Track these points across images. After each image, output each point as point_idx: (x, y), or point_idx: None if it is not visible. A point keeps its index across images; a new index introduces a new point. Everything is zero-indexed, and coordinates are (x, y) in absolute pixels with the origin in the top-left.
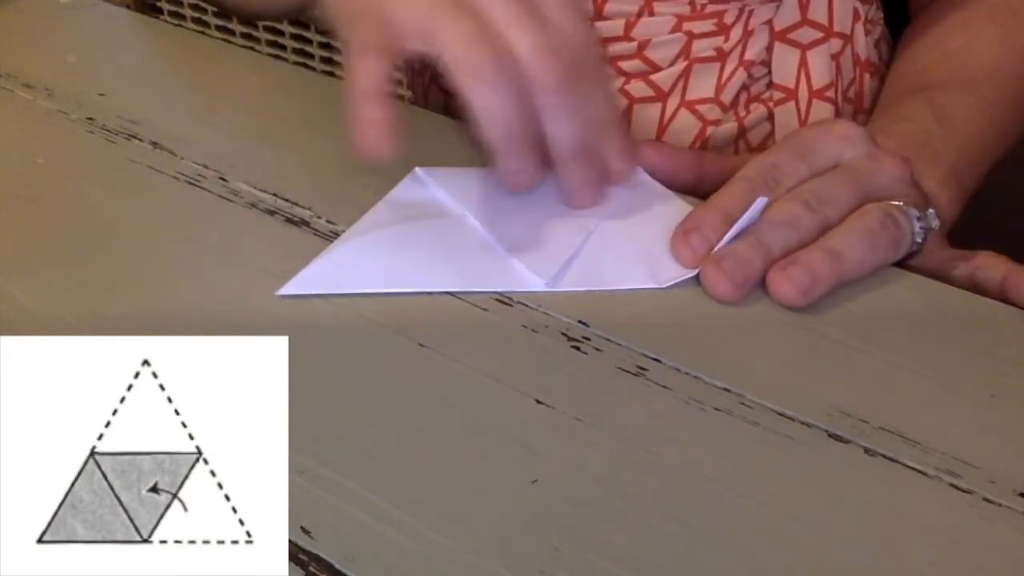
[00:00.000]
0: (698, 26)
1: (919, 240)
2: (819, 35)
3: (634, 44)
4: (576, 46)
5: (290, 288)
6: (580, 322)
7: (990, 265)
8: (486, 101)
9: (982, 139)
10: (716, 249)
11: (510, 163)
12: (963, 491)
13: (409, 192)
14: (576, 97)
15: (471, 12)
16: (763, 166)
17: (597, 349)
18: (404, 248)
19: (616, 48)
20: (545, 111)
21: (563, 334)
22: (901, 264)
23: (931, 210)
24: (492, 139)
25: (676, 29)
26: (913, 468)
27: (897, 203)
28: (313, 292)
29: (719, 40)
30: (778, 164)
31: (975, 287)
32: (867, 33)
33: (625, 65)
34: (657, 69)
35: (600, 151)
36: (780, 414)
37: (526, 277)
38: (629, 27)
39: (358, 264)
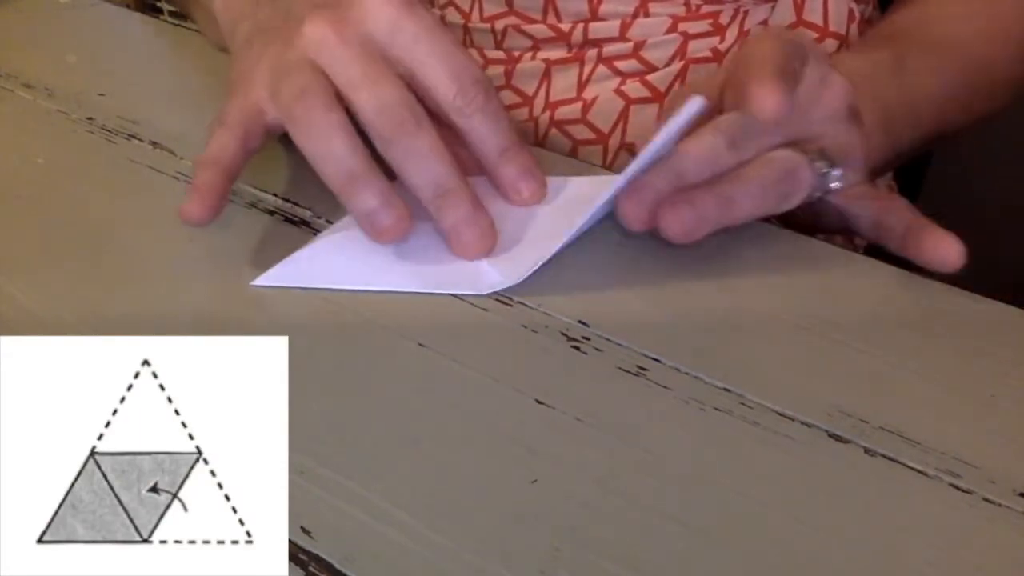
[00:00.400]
0: (693, 27)
1: (817, 195)
2: (814, 36)
3: (630, 44)
4: (454, 80)
5: (265, 279)
6: (580, 322)
7: (894, 210)
8: (313, 148)
9: (928, 100)
10: (635, 173)
11: (355, 203)
12: (963, 491)
13: (401, 193)
14: (424, 137)
15: (308, 73)
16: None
17: (597, 349)
18: (381, 248)
19: (612, 48)
20: (394, 160)
21: (563, 334)
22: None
23: (836, 170)
24: (331, 185)
25: (672, 30)
26: (913, 468)
27: (808, 155)
28: (287, 284)
29: (715, 41)
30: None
31: (878, 230)
32: (862, 33)
33: (621, 65)
34: (653, 69)
35: (504, 175)
36: (780, 414)
37: (496, 280)
38: (625, 28)
39: (335, 260)
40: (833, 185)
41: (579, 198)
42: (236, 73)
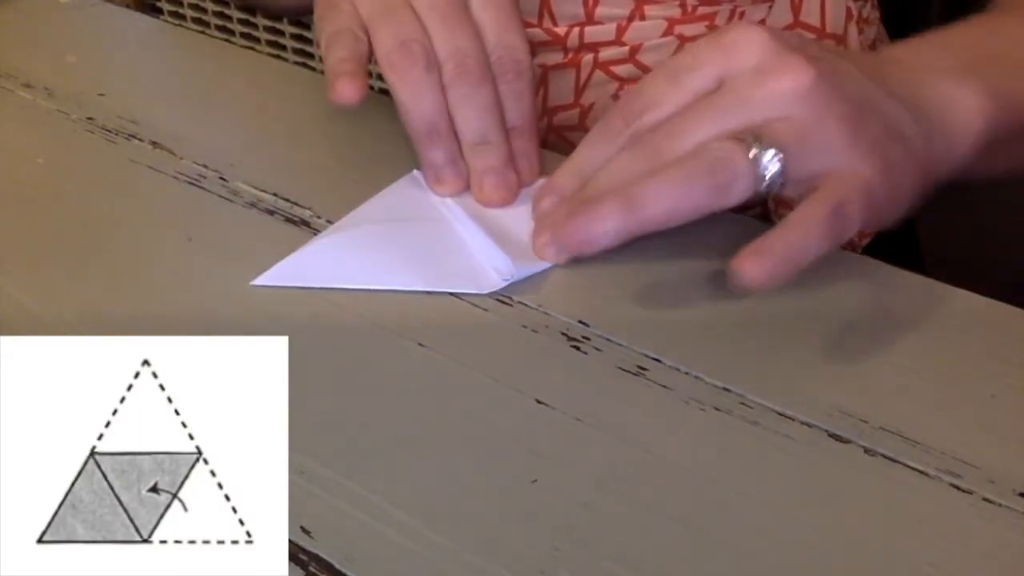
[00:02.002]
0: (689, 29)
1: (768, 181)
2: (811, 37)
3: (626, 48)
4: (498, 49)
5: (265, 279)
6: (580, 322)
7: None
8: (405, 95)
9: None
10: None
11: (429, 154)
12: (963, 491)
13: (402, 192)
14: (484, 92)
15: (405, 16)
16: (628, 100)
17: (597, 349)
18: (380, 247)
19: (608, 53)
20: (451, 101)
21: (563, 334)
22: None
23: (771, 153)
24: (411, 131)
25: (668, 32)
26: (913, 468)
27: (742, 139)
28: (287, 284)
29: None
30: (645, 91)
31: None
32: (860, 32)
33: (618, 70)
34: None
35: (510, 148)
36: (780, 414)
37: (496, 279)
38: (620, 31)
39: (335, 260)
40: (769, 172)
41: None
42: (327, 2)
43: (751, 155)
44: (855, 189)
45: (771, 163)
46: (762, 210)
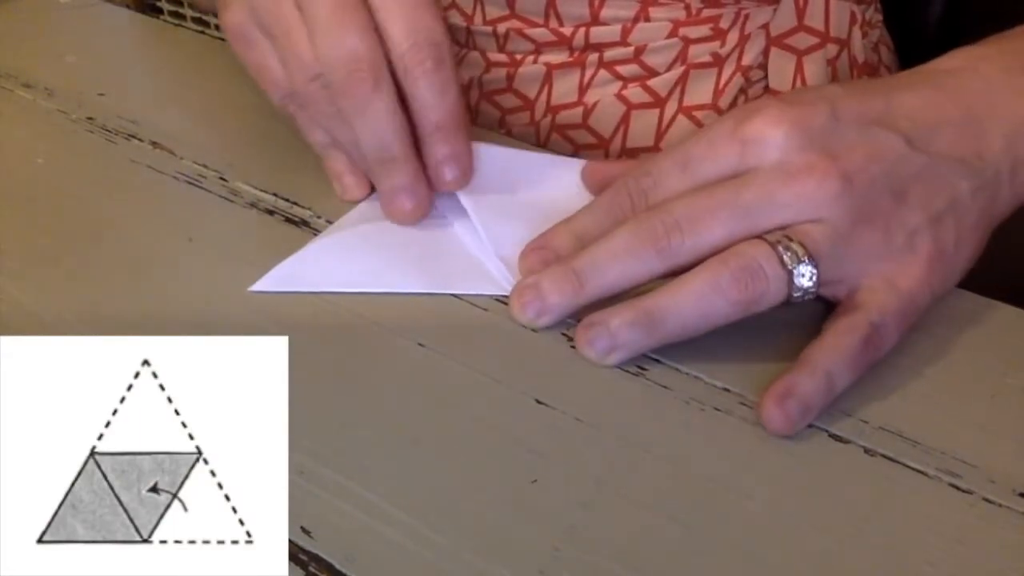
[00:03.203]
0: (694, 31)
1: (801, 293)
2: (815, 41)
3: (631, 49)
4: (411, 35)
5: (262, 284)
6: (580, 322)
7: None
8: (336, 134)
9: None
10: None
11: (386, 182)
12: (963, 491)
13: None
14: (379, 99)
15: (295, 33)
16: (635, 177)
17: None
18: (378, 249)
19: (613, 53)
20: (344, 114)
21: (563, 334)
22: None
23: (809, 265)
24: (366, 157)
25: (672, 34)
26: (913, 468)
27: (774, 244)
28: (286, 289)
29: (715, 45)
30: (653, 173)
31: None
32: (864, 35)
33: (623, 70)
34: (654, 74)
35: (417, 160)
36: None
37: (498, 282)
38: (626, 32)
39: (331, 263)
40: (802, 285)
41: (567, 196)
42: None
43: (786, 266)
44: (890, 310)
45: (804, 276)
46: None
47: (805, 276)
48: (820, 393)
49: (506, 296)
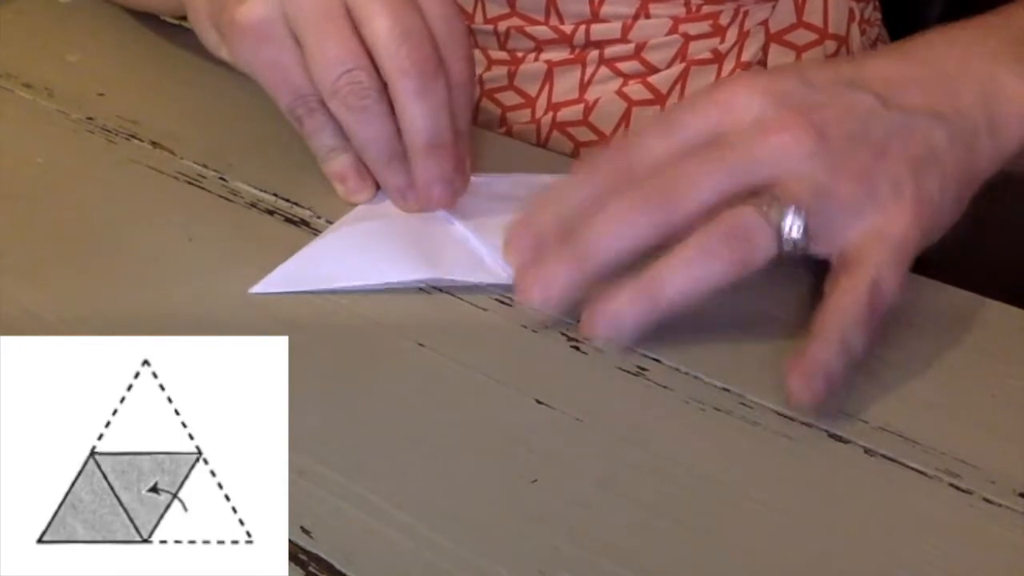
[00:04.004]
0: (694, 27)
1: (791, 246)
2: (814, 37)
3: (631, 46)
4: (442, 31)
5: (263, 286)
6: (580, 322)
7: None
8: (356, 128)
9: None
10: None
11: (392, 180)
12: (963, 491)
13: None
14: (438, 86)
15: (342, 28)
16: (619, 148)
17: (597, 349)
18: (377, 245)
19: (614, 50)
20: (399, 95)
21: (563, 334)
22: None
23: (795, 220)
24: (367, 160)
25: (672, 31)
26: (913, 468)
27: (758, 204)
28: (286, 290)
29: (715, 42)
30: (635, 144)
31: None
32: (863, 32)
33: (623, 67)
34: (655, 71)
35: (453, 147)
36: (780, 414)
37: (494, 269)
38: (626, 29)
39: (331, 262)
40: (792, 237)
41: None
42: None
43: (771, 221)
44: (886, 259)
45: (793, 227)
46: None
47: (793, 227)
48: (839, 358)
49: (506, 296)
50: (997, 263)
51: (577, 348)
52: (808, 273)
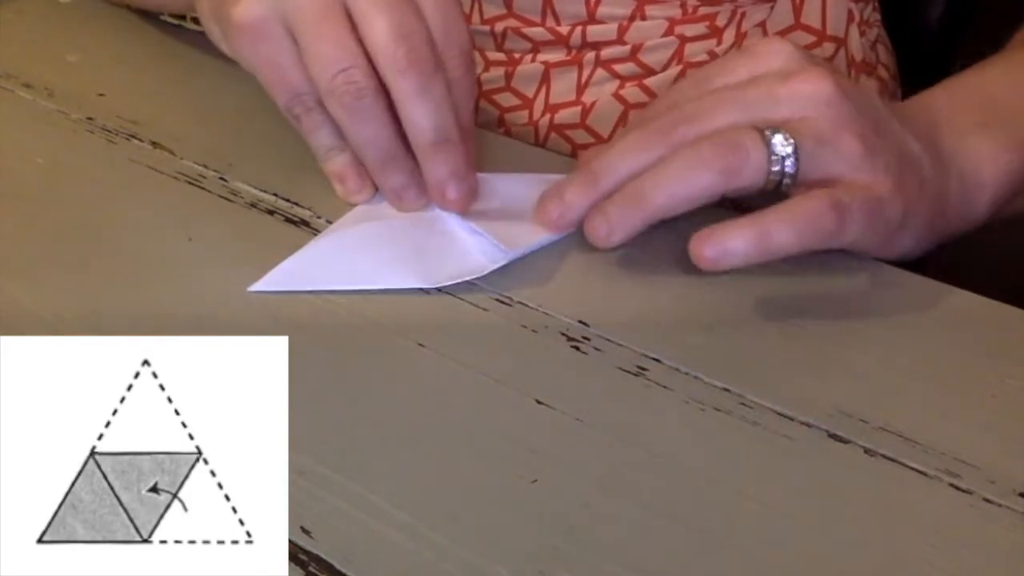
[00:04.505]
0: (690, 29)
1: (779, 172)
2: (812, 39)
3: (627, 48)
4: (443, 37)
5: (262, 284)
6: (580, 322)
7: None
8: (353, 128)
9: None
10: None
11: (388, 181)
12: (963, 491)
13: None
14: (439, 83)
15: (340, 27)
16: (659, 98)
17: (597, 349)
18: (376, 246)
19: (610, 52)
20: (399, 96)
21: (563, 334)
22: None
23: (789, 141)
24: (364, 161)
25: (668, 32)
26: (913, 468)
27: (760, 129)
28: (285, 289)
29: (711, 43)
30: (671, 95)
31: None
32: (862, 34)
33: (620, 68)
34: (651, 73)
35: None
36: (780, 414)
37: (490, 253)
38: (622, 31)
39: (330, 262)
40: (781, 157)
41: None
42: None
43: (768, 142)
44: (862, 197)
45: (784, 149)
46: None
47: (785, 153)
48: (748, 238)
49: (506, 296)
50: (997, 263)
51: (577, 348)
52: (809, 274)
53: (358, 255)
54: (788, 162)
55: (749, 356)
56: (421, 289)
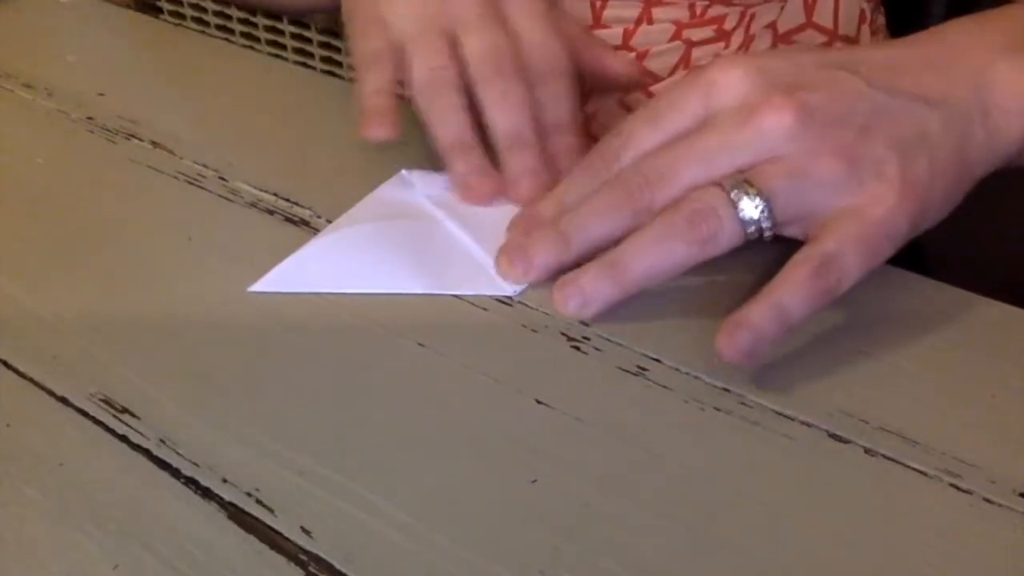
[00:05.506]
0: (697, 33)
1: (755, 228)
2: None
3: (632, 55)
4: (536, 51)
5: (262, 285)
6: (580, 322)
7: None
8: (433, 120)
9: None
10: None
11: (453, 166)
12: (963, 491)
13: (392, 193)
14: (518, 89)
15: (439, 42)
16: (608, 139)
17: (597, 349)
18: (376, 249)
19: None
20: (483, 98)
21: (563, 334)
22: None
23: (757, 199)
24: (439, 146)
25: (675, 37)
26: (913, 468)
27: (724, 186)
28: (285, 290)
29: (719, 47)
30: (624, 131)
31: None
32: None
33: None
34: (657, 80)
35: (550, 148)
36: (780, 414)
37: (497, 283)
38: (628, 36)
39: (330, 263)
40: (752, 219)
41: None
42: (370, 7)
43: (735, 202)
44: (850, 237)
45: (753, 210)
46: None
47: (752, 209)
48: (770, 321)
49: (506, 296)
50: (997, 263)
51: (577, 348)
52: None
53: (359, 257)
54: (763, 218)
55: None
56: None
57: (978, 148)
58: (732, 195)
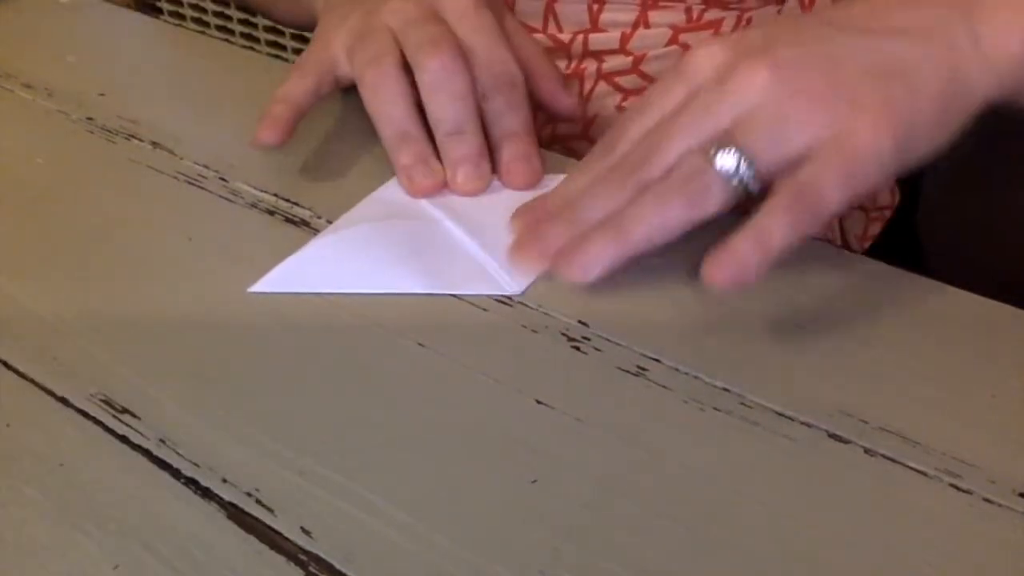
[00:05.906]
0: (693, 38)
1: (740, 183)
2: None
3: (630, 59)
4: (490, 63)
5: (262, 285)
6: (580, 322)
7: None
8: (376, 108)
9: None
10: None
11: (398, 158)
12: (963, 491)
13: (392, 193)
14: (459, 80)
15: (381, 37)
16: (606, 135)
17: (597, 349)
18: (377, 248)
19: (612, 63)
20: (425, 88)
21: (563, 334)
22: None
23: (736, 157)
24: (384, 140)
25: (672, 41)
26: (913, 468)
27: (705, 148)
28: (285, 290)
29: None
30: (618, 126)
31: None
32: None
33: (622, 81)
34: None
35: (504, 156)
36: (780, 414)
37: (497, 283)
38: (624, 40)
39: (330, 263)
40: (733, 172)
41: None
42: (320, 30)
43: (714, 162)
44: (828, 163)
45: (730, 161)
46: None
47: (729, 161)
48: (752, 246)
49: (506, 296)
50: (997, 263)
51: (577, 348)
52: (809, 274)
53: (359, 257)
54: (743, 169)
55: (749, 356)
56: None
57: (972, 70)
58: (711, 152)
